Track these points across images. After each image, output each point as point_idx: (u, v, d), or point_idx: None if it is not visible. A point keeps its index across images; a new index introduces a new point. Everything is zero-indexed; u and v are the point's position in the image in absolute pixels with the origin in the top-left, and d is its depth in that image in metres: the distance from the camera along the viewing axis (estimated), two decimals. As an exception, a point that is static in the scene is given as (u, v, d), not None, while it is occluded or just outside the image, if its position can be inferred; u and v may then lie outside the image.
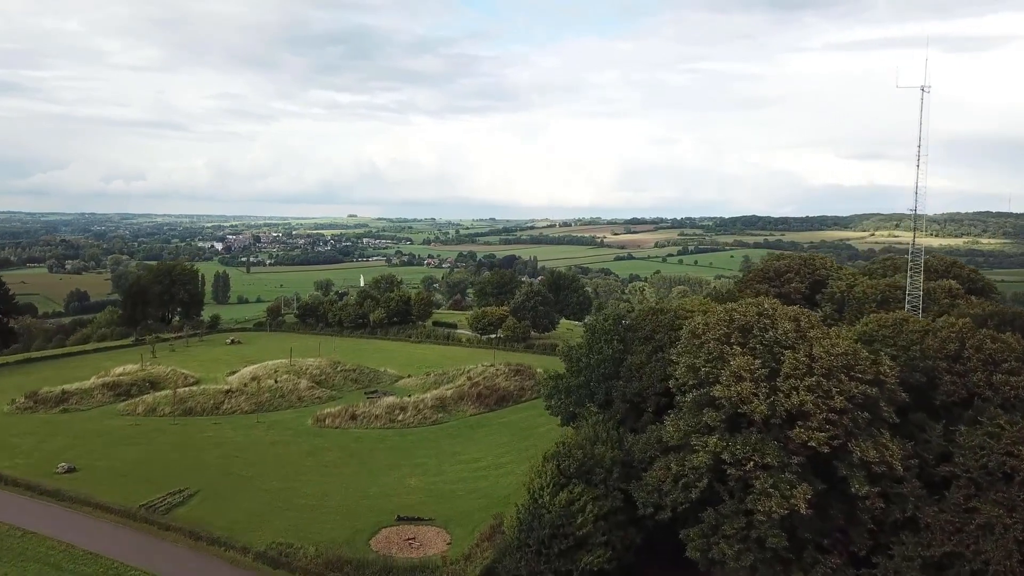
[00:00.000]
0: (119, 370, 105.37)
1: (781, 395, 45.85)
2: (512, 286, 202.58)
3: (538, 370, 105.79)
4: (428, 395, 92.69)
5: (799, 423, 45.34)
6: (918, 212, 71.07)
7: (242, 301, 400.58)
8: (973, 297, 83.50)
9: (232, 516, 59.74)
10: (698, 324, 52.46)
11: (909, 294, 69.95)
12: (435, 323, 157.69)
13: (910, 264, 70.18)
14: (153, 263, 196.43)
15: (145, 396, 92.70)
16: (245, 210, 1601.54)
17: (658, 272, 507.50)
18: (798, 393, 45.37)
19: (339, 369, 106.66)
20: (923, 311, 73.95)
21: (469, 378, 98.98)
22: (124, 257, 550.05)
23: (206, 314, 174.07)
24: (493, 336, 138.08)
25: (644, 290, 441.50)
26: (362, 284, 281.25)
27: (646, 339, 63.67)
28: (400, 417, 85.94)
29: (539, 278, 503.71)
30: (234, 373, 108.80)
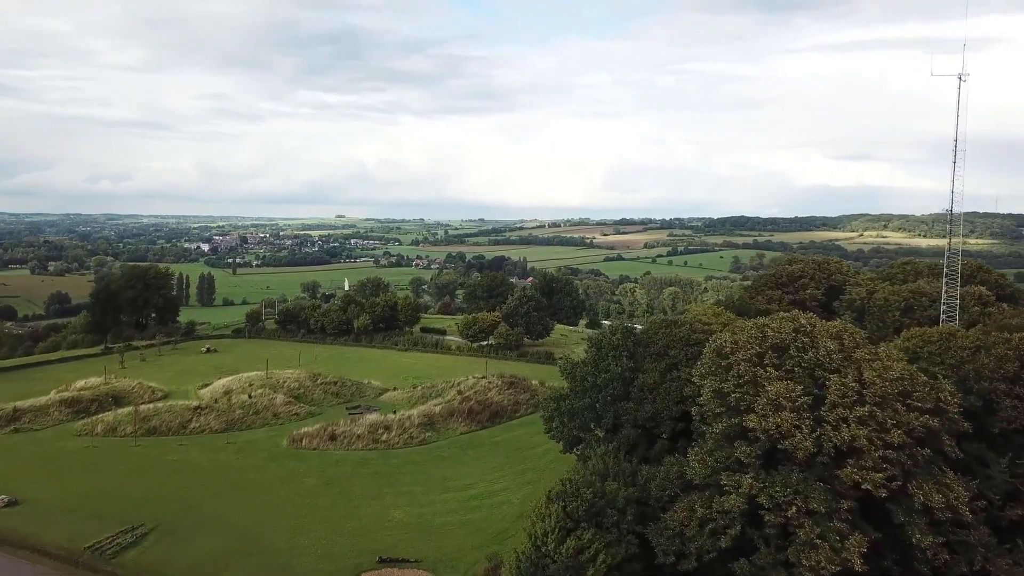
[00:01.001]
0: (80, 384, 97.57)
1: (828, 428, 39.08)
2: (503, 289, 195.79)
3: (533, 382, 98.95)
4: (415, 411, 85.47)
5: (850, 461, 38.61)
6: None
7: (228, 303, 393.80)
8: (1005, 304, 77.31)
9: (190, 559, 52.38)
10: (725, 342, 45.53)
11: (945, 303, 63.35)
12: (423, 329, 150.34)
13: (946, 269, 63.59)
14: (136, 264, 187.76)
15: (106, 414, 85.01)
16: (233, 211, 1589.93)
17: (648, 273, 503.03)
18: (849, 426, 38.62)
19: (319, 382, 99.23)
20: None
21: (459, 392, 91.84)
22: (108, 258, 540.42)
23: (190, 318, 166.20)
24: (484, 343, 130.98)
25: (635, 291, 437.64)
26: (346, 288, 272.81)
27: (659, 355, 56.82)
28: (384, 437, 78.70)
29: (528, 278, 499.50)
30: (206, 386, 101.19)
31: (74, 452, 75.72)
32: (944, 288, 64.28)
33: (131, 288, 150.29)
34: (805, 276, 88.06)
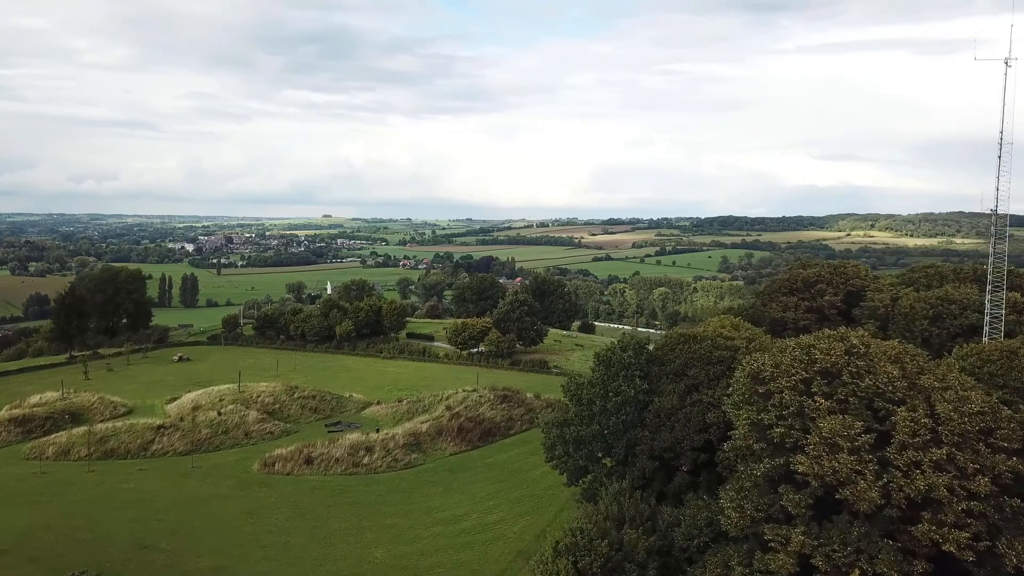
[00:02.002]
0: (35, 399, 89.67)
1: (898, 475, 32.32)
2: (492, 292, 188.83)
3: (527, 395, 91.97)
4: (399, 430, 78.19)
5: (925, 515, 31.85)
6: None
7: (211, 304, 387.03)
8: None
9: (136, 617, 44.99)
10: (763, 365, 38.68)
11: (990, 312, 56.88)
12: (409, 335, 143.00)
13: (991, 276, 57.12)
14: (109, 266, 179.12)
15: (59, 434, 77.16)
16: (219, 211, 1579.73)
17: (637, 273, 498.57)
18: (923, 472, 31.85)
19: (296, 396, 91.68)
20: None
21: (448, 407, 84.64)
22: (91, 259, 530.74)
23: (174, 320, 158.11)
24: (475, 351, 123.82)
25: (625, 292, 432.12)
26: (328, 291, 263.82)
27: (677, 375, 49.97)
28: (365, 460, 71.38)
29: (517, 279, 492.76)
30: (174, 400, 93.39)
31: (18, 480, 67.90)
32: (988, 296, 57.73)
33: (100, 292, 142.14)
34: (822, 281, 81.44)
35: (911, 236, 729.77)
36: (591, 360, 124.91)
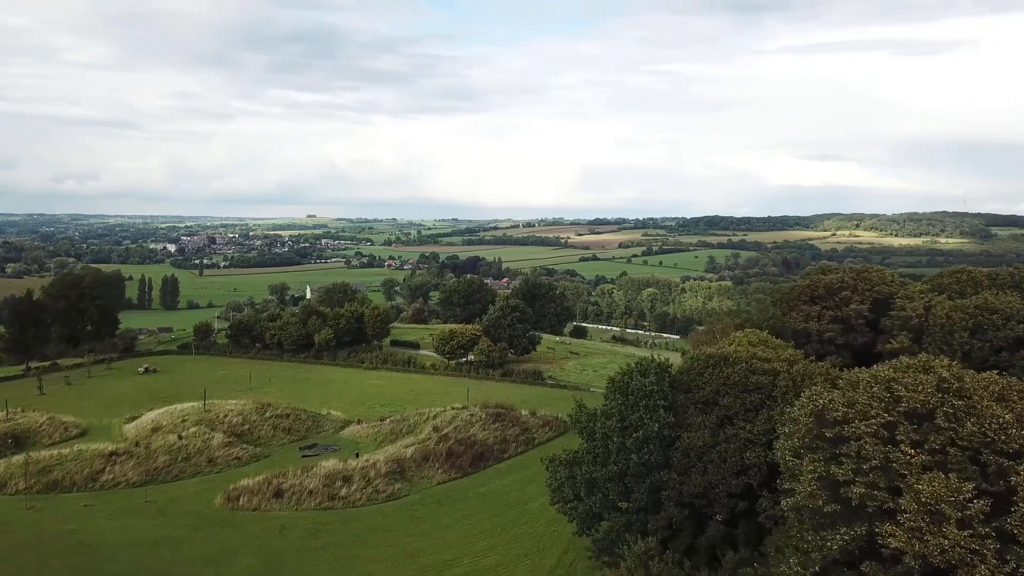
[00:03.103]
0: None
1: (1029, 556, 24.73)
2: (481, 295, 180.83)
3: (522, 412, 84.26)
4: (381, 455, 70.14)
5: (1065, 610, 24.30)
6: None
7: (192, 306, 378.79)
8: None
9: None
10: (831, 403, 31.07)
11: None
12: (393, 343, 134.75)
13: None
14: (70, 271, 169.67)
15: (-4, 462, 68.41)
16: (202, 211, 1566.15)
17: (624, 273, 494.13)
18: (1063, 554, 24.28)
19: (268, 415, 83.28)
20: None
21: (435, 428, 76.65)
22: (70, 260, 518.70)
23: (149, 322, 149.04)
24: (463, 360, 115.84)
25: (613, 292, 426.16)
26: (308, 296, 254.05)
27: (707, 405, 42.34)
28: (343, 492, 63.29)
29: (504, 279, 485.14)
30: (134, 420, 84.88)
31: (-57, 521, 59.28)
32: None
33: (62, 298, 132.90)
34: (846, 287, 74.16)
35: (896, 236, 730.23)
36: (588, 370, 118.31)
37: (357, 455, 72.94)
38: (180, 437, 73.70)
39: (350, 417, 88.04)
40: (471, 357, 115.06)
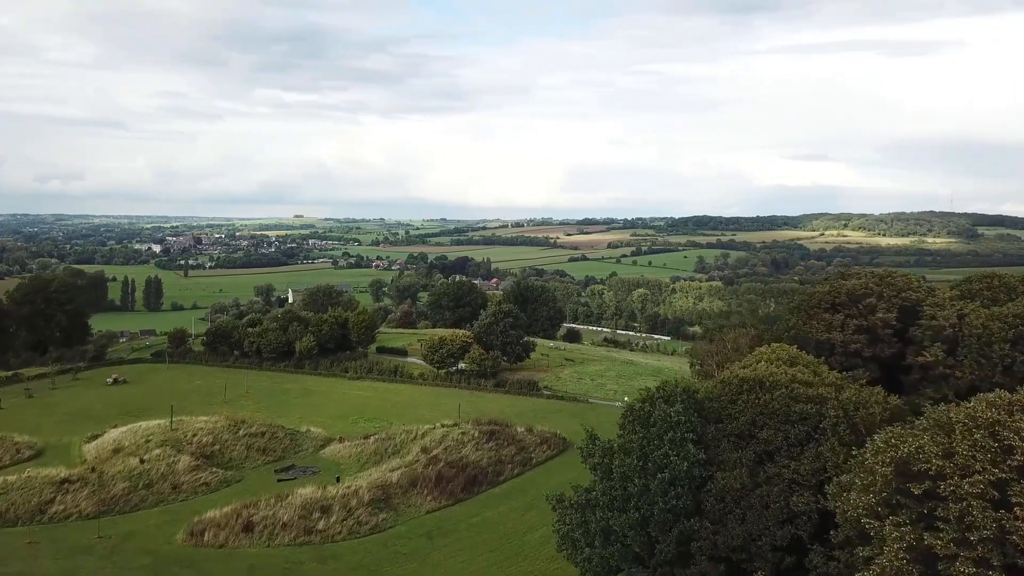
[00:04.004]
0: (-82, 442, 73.55)
1: None
2: (471, 298, 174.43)
3: (518, 429, 77.88)
4: (364, 480, 63.62)
5: None
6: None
7: (177, 308, 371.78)
8: None
9: None
10: (920, 453, 24.88)
11: None
12: (379, 349, 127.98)
13: None
14: (38, 275, 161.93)
15: (-66, 491, 61.35)
16: (188, 211, 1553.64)
17: (614, 274, 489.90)
18: None
19: (242, 433, 76.45)
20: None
21: (424, 449, 70.15)
22: (53, 260, 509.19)
23: (132, 324, 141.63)
24: (454, 369, 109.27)
25: (603, 293, 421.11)
26: (291, 300, 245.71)
27: (742, 438, 36.17)
28: (321, 524, 56.75)
29: (493, 279, 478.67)
30: (95, 438, 77.95)
31: None
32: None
33: (27, 304, 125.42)
34: (870, 294, 68.04)
35: (884, 236, 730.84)
36: (585, 379, 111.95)
37: (338, 479, 66.48)
38: (142, 461, 66.81)
39: (331, 434, 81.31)
40: (462, 365, 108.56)
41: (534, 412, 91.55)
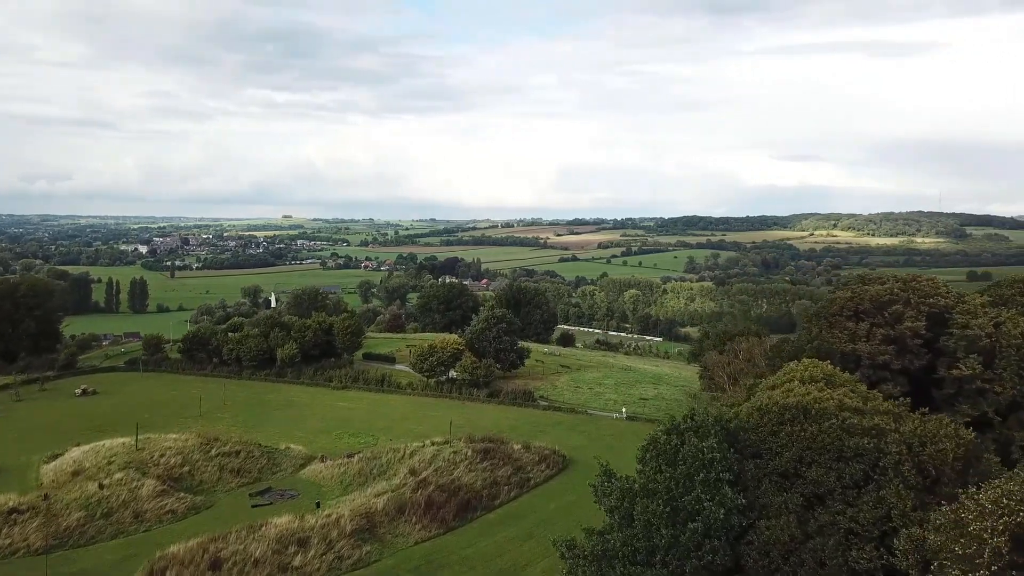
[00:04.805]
0: None
1: None
2: (462, 300, 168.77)
3: (515, 446, 72.22)
4: (347, 508, 57.71)
5: None
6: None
7: (162, 310, 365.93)
8: None
9: None
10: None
11: None
12: (366, 356, 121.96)
13: None
14: (6, 278, 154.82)
15: None
16: (176, 211, 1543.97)
17: (605, 274, 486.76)
18: None
19: (214, 452, 70.34)
20: None
21: (412, 471, 64.35)
22: (37, 262, 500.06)
23: (116, 327, 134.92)
24: (444, 379, 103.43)
25: (595, 294, 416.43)
26: (274, 304, 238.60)
27: (786, 477, 30.65)
28: (297, 560, 50.79)
29: (483, 280, 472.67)
30: (56, 458, 71.67)
31: None
32: None
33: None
34: (896, 300, 62.92)
35: (873, 235, 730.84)
36: (583, 387, 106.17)
37: (318, 505, 60.64)
38: (101, 486, 60.64)
39: (312, 452, 75.29)
40: (453, 374, 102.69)
41: (530, 425, 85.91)
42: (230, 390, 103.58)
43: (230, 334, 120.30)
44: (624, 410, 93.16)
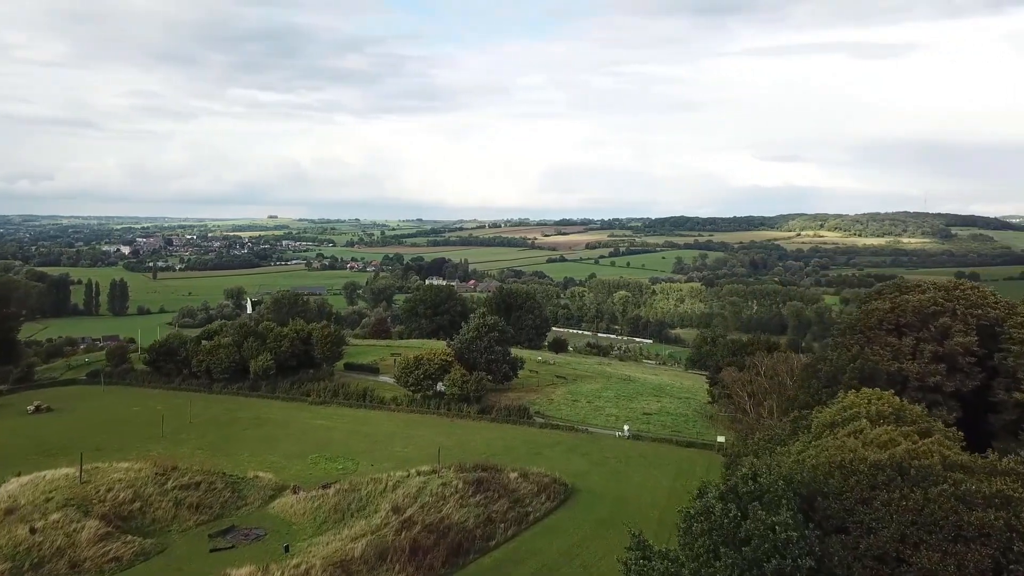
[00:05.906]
0: None
1: None
2: (450, 304, 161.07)
3: (511, 474, 64.35)
4: (319, 553, 49.67)
5: None
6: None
7: (143, 312, 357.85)
8: None
9: None
10: None
11: None
12: (348, 366, 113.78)
13: None
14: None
15: None
16: (159, 211, 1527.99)
17: (593, 275, 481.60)
18: None
19: (171, 484, 61.99)
20: None
21: (395, 508, 56.38)
22: (17, 263, 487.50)
23: (95, 330, 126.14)
24: (431, 393, 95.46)
25: (584, 295, 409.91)
26: (250, 309, 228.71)
27: (885, 563, 23.23)
28: (258, 624, 42.93)
29: (471, 281, 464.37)
30: (-7, 489, 63.09)
31: None
32: None
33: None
34: (942, 312, 55.69)
35: (859, 236, 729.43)
36: (581, 400, 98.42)
37: (286, 549, 52.70)
38: (32, 530, 52.28)
39: (284, 480, 67.06)
40: (441, 388, 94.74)
41: (527, 446, 78.12)
42: (198, 407, 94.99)
43: (203, 342, 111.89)
44: (627, 427, 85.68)
